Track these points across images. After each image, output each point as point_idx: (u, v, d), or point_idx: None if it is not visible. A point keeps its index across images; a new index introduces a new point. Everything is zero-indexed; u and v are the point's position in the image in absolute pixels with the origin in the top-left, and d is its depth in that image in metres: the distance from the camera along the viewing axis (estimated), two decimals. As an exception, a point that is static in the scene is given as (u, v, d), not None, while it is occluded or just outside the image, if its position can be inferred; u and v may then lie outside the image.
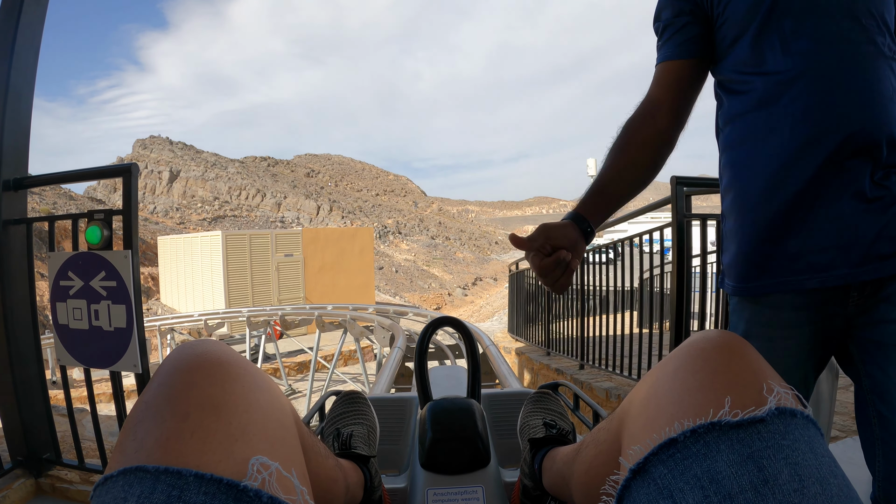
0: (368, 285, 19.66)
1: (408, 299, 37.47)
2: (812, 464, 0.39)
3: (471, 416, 1.00)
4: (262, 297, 16.73)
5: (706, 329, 0.70)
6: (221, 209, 58.37)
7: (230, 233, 16.79)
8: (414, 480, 1.01)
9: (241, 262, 16.48)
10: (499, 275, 51.25)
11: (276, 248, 17.16)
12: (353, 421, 1.02)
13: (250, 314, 11.43)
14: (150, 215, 51.21)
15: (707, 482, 0.38)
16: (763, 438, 0.39)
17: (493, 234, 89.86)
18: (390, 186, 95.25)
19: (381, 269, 42.95)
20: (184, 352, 0.48)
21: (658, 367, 0.52)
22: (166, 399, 0.43)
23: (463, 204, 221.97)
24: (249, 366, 0.51)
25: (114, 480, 0.38)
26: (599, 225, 1.10)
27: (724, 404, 0.42)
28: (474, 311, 37.85)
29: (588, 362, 4.46)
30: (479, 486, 0.95)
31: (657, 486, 0.40)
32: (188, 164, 67.66)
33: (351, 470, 0.85)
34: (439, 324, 1.19)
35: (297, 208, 63.66)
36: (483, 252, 67.16)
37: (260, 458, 0.41)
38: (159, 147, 71.94)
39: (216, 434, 0.41)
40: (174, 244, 22.13)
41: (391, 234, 60.05)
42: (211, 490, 0.37)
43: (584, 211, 1.08)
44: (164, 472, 0.37)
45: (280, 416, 0.50)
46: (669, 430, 0.42)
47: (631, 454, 0.45)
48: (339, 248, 18.92)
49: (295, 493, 0.42)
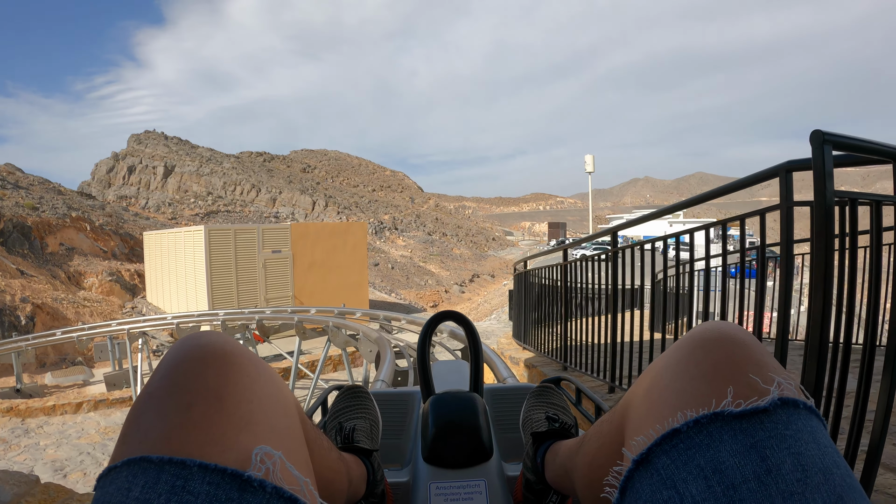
0: (361, 284, 18.63)
1: (404, 296, 36.67)
2: (815, 454, 0.39)
3: (473, 410, 0.99)
4: (247, 296, 15.70)
5: (709, 321, 0.63)
6: (215, 204, 57.65)
7: (214, 227, 15.59)
8: (416, 474, 0.99)
9: (226, 258, 15.39)
10: (496, 271, 50.97)
11: (263, 243, 16.06)
12: (355, 415, 1.01)
13: (226, 317, 10.53)
14: (142, 210, 50.16)
15: (710, 472, 0.38)
16: (766, 428, 0.40)
17: (491, 230, 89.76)
18: (387, 182, 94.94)
19: (376, 266, 42.34)
20: (187, 343, 0.49)
21: (661, 358, 0.52)
22: (170, 390, 0.44)
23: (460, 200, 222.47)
24: (253, 357, 0.51)
25: (118, 471, 0.38)
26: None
27: (727, 395, 0.43)
28: (472, 309, 37.05)
29: (620, 385, 3.48)
30: (482, 480, 0.94)
31: (660, 477, 0.41)
32: (183, 160, 67.26)
33: (354, 463, 0.84)
34: (442, 318, 1.15)
35: (293, 204, 63.15)
36: (480, 248, 67.05)
37: (264, 448, 0.41)
38: (154, 142, 71.63)
39: (220, 424, 0.42)
40: (158, 240, 21.14)
41: (387, 229, 59.36)
42: (215, 480, 0.37)
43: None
44: (167, 463, 0.37)
45: (283, 408, 0.50)
46: (672, 420, 0.43)
47: (634, 445, 0.46)
48: (330, 243, 17.84)
49: (298, 484, 0.42)
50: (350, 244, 18.32)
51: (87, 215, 30.49)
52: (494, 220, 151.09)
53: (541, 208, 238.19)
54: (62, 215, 27.66)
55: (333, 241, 17.86)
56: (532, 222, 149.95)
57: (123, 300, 23.48)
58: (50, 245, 25.05)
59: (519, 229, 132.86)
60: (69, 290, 21.44)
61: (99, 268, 24.44)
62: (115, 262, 26.34)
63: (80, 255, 25.69)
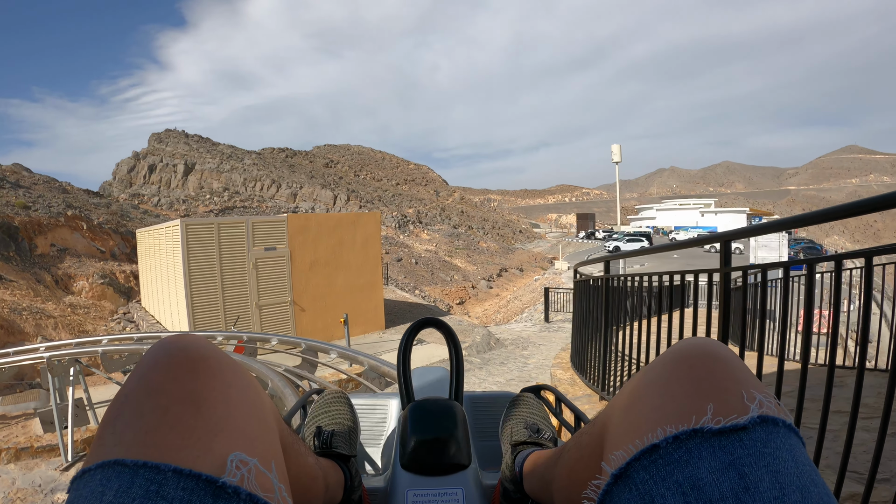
0: (375, 284, 15.99)
1: (428, 293, 34.32)
2: (793, 472, 0.40)
3: (452, 418, 0.98)
4: (235, 302, 13.15)
5: (692, 336, 0.63)
6: (231, 200, 56.19)
7: (192, 221, 12.92)
8: (394, 481, 0.99)
9: (207, 257, 12.80)
10: (524, 265, 48.80)
11: (254, 239, 13.49)
12: (334, 420, 1.01)
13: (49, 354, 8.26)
14: (153, 208, 48.61)
15: (688, 488, 0.39)
16: (745, 446, 0.40)
17: (517, 222, 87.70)
18: (411, 176, 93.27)
19: (399, 261, 40.29)
20: (164, 346, 0.48)
21: (641, 373, 0.52)
22: (146, 393, 0.44)
23: (485, 193, 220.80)
24: (230, 361, 0.51)
25: (91, 474, 0.38)
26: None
27: (707, 411, 0.43)
28: (501, 307, 34.52)
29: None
30: (460, 488, 0.94)
31: (639, 492, 0.41)
32: (203, 157, 67.17)
33: (331, 469, 0.84)
34: (423, 325, 1.14)
35: (314, 198, 61.85)
36: (507, 241, 65.31)
37: (239, 455, 0.41)
38: (174, 140, 71.72)
39: (195, 429, 0.42)
40: (146, 238, 18.80)
41: (411, 223, 57.37)
42: (189, 485, 0.37)
43: None
44: (142, 467, 0.37)
45: (260, 413, 0.50)
46: (652, 435, 0.43)
47: (613, 459, 0.45)
48: (335, 238, 15.14)
49: (273, 490, 0.42)
50: (360, 238, 15.62)
51: (87, 214, 28.67)
52: (520, 212, 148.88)
53: (566, 200, 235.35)
54: (56, 214, 25.81)
55: (340, 235, 15.12)
56: (558, 214, 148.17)
57: (117, 305, 21.44)
58: (40, 246, 23.14)
59: (545, 221, 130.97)
60: (53, 296, 19.46)
61: (91, 270, 22.44)
62: (112, 264, 24.33)
63: (73, 257, 23.73)
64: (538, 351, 12.86)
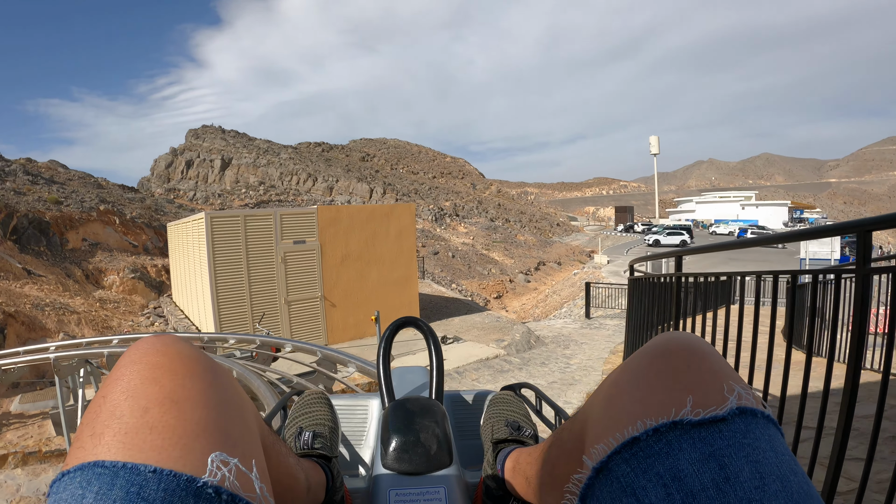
0: (410, 278, 15.01)
1: (465, 287, 33.37)
2: (773, 462, 0.40)
3: (433, 417, 0.99)
4: (263, 298, 12.34)
5: (669, 331, 0.59)
6: (266, 194, 56.12)
7: (217, 213, 12.18)
8: (376, 481, 0.97)
9: (234, 251, 12.11)
10: (563, 258, 47.57)
11: (283, 232, 12.69)
12: (315, 421, 0.99)
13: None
14: (188, 202, 48.77)
15: (669, 480, 0.39)
16: (724, 437, 0.41)
17: (555, 215, 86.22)
18: (447, 169, 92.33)
19: (436, 255, 39.38)
20: (144, 346, 0.49)
21: (620, 367, 0.53)
22: (125, 393, 0.43)
23: (522, 186, 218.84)
24: (210, 362, 0.51)
25: (71, 476, 0.38)
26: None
27: (686, 404, 0.43)
28: (539, 302, 33.37)
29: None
30: (442, 487, 0.93)
31: (620, 485, 0.42)
32: (240, 152, 67.27)
33: (312, 470, 0.83)
34: (402, 324, 1.15)
35: (350, 192, 61.44)
36: (545, 234, 63.96)
37: (220, 455, 0.41)
38: (211, 136, 72.09)
39: (176, 430, 0.41)
40: (175, 231, 18.23)
41: (448, 216, 56.44)
42: (170, 486, 0.37)
43: None
44: (122, 468, 0.37)
45: (240, 414, 0.50)
46: (632, 428, 0.43)
47: (594, 453, 0.46)
48: (368, 230, 14.27)
49: (254, 491, 0.42)
50: (394, 230, 14.67)
51: (120, 208, 28.50)
52: (557, 205, 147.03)
53: (604, 193, 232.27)
54: (88, 209, 25.60)
55: (373, 227, 14.21)
56: (596, 207, 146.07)
57: (148, 299, 21.01)
58: (71, 241, 22.90)
59: (583, 214, 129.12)
60: (82, 291, 19.09)
61: (122, 264, 22.11)
62: (144, 258, 23.99)
63: (105, 251, 23.43)
64: (580, 350, 11.79)
